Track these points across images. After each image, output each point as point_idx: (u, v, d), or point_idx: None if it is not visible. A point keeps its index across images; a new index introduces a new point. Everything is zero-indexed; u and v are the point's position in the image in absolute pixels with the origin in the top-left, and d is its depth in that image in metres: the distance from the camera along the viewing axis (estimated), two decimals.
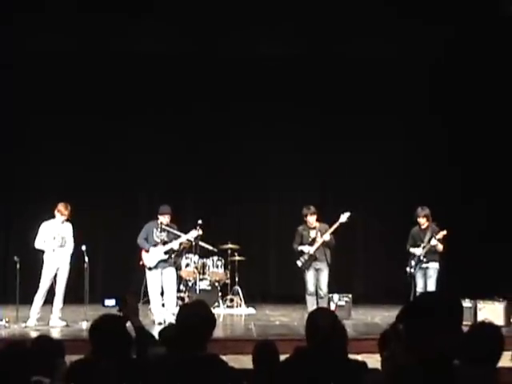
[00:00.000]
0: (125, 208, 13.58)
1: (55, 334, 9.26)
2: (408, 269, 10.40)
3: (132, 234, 10.98)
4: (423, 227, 10.41)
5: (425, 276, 10.28)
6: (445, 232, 10.19)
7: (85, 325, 9.49)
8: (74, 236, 10.24)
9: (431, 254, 10.28)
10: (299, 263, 10.41)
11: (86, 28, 11.86)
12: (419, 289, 10.24)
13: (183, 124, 13.50)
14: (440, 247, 10.25)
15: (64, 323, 9.92)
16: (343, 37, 12.34)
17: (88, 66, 12.98)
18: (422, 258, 10.24)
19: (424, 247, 10.25)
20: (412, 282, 10.35)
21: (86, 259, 10.15)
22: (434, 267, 10.28)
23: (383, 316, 11.08)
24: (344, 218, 10.39)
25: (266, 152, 13.81)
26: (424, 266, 10.27)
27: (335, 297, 10.89)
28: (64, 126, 13.18)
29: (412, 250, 10.40)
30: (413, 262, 10.35)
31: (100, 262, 13.17)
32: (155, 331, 4.96)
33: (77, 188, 13.08)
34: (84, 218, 11.69)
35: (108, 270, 13.35)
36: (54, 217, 10.12)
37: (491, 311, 9.78)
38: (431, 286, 10.15)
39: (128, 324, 4.14)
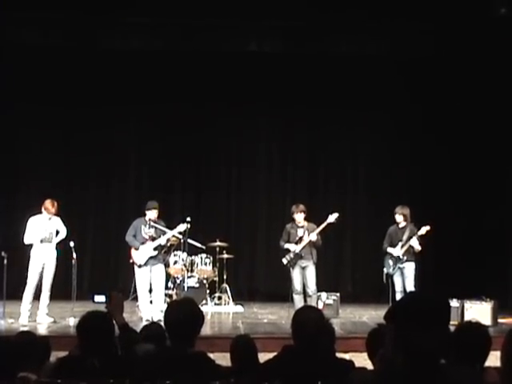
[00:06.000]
0: (113, 204, 13.59)
1: (42, 330, 9.22)
2: (385, 269, 10.41)
3: (120, 230, 10.96)
4: (400, 226, 10.41)
5: (402, 276, 10.27)
6: (428, 227, 10.17)
7: (72, 321, 9.46)
8: (64, 226, 10.25)
9: (408, 253, 10.28)
10: (284, 261, 10.41)
11: (70, 22, 11.77)
12: (398, 288, 10.25)
13: (173, 120, 13.41)
14: (418, 247, 10.24)
15: (51, 319, 9.88)
16: (330, 34, 12.27)
17: (73, 59, 12.80)
18: (400, 257, 10.26)
19: (402, 246, 10.26)
20: (390, 282, 10.37)
21: (74, 255, 10.13)
22: (410, 267, 10.26)
23: (371, 315, 11.11)
24: (332, 218, 10.39)
25: (256, 150, 13.85)
26: (401, 265, 10.26)
27: (323, 295, 10.89)
28: (51, 122, 13.14)
29: (389, 250, 10.38)
30: (390, 262, 10.35)
31: (88, 258, 13.16)
32: None
33: (63, 183, 13.05)
34: (71, 214, 11.66)
35: (96, 266, 13.34)
36: (40, 212, 10.08)
37: (478, 311, 9.80)
38: (409, 286, 10.15)
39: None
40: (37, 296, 9.98)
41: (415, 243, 10.19)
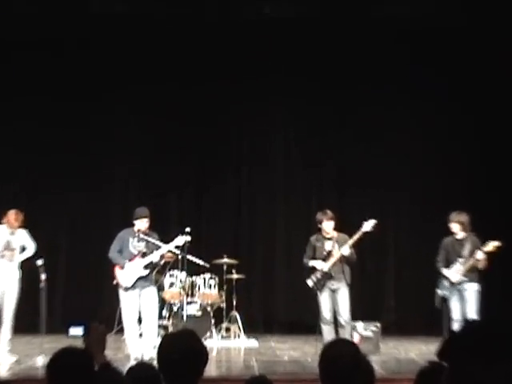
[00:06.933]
0: (92, 211, 13.58)
1: (3, 372, 9.25)
2: (439, 291, 10.35)
3: (102, 245, 10.99)
4: (458, 237, 10.34)
5: (462, 300, 10.20)
6: (497, 243, 10.05)
7: (41, 360, 9.49)
8: (32, 240, 10.34)
9: (471, 272, 10.16)
10: (310, 283, 10.38)
11: None
12: (456, 316, 10.17)
13: (166, 105, 13.48)
14: (484, 263, 10.14)
15: (14, 358, 9.90)
16: None
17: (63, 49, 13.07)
18: (460, 279, 10.18)
19: (464, 263, 10.20)
20: (445, 307, 10.31)
21: (43, 276, 10.12)
22: (472, 289, 10.17)
23: (420, 350, 11.13)
24: (368, 226, 10.30)
25: (271, 144, 13.85)
26: (461, 287, 10.21)
27: (359, 325, 10.90)
28: (27, 115, 13.28)
29: (445, 272, 10.28)
30: (446, 283, 10.28)
31: (61, 280, 13.17)
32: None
33: (34, 186, 13.10)
34: (42, 222, 11.73)
35: (71, 290, 13.32)
36: (1, 222, 10.12)
37: None
38: (471, 312, 10.06)
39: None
40: None
41: (482, 257, 10.10)
